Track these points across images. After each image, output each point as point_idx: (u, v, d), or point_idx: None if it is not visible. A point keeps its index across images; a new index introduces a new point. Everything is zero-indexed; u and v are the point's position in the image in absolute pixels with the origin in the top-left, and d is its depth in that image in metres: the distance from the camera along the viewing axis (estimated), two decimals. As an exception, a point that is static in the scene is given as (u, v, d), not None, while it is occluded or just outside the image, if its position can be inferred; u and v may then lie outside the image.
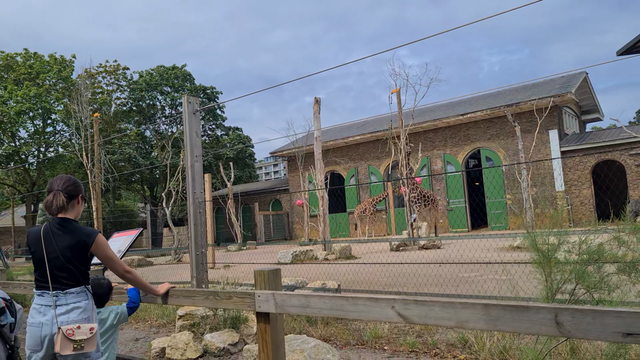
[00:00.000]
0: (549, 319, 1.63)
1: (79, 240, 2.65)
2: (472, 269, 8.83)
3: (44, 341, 2.54)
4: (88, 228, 2.75)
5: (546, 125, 20.11)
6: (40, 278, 2.65)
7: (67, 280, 2.62)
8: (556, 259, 3.12)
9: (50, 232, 2.67)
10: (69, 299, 2.60)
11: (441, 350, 4.39)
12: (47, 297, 2.60)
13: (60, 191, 2.70)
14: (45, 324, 2.54)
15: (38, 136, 31.52)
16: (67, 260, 2.62)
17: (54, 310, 2.55)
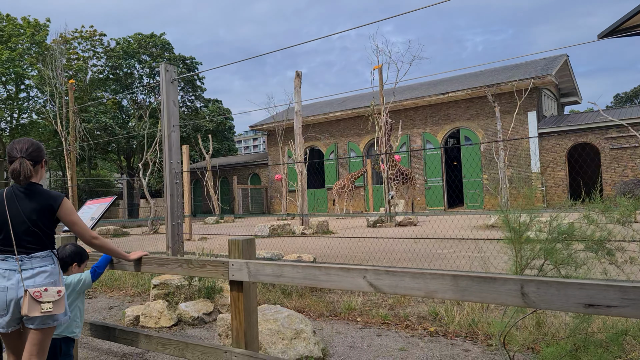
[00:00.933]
0: (515, 290, 1.66)
1: (45, 203, 2.60)
2: (446, 245, 9.01)
3: (10, 305, 2.50)
4: (54, 192, 2.69)
5: (525, 106, 20.37)
6: (3, 242, 2.59)
7: (32, 244, 2.58)
8: (527, 236, 3.19)
9: (14, 195, 2.60)
10: (35, 263, 2.56)
11: (412, 322, 4.50)
12: (11, 262, 2.55)
13: (24, 158, 2.61)
14: (11, 288, 2.50)
15: (11, 102, 30.43)
16: (33, 224, 2.57)
17: (20, 274, 2.51)
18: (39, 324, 2.52)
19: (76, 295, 3.02)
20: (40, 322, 2.52)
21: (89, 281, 3.07)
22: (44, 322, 2.52)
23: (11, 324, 2.55)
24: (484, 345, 3.76)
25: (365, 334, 4.28)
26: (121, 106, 37.30)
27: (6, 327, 2.54)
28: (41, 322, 2.52)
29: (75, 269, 3.11)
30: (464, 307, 4.44)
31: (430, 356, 3.61)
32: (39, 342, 2.56)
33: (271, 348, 3.56)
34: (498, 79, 21.52)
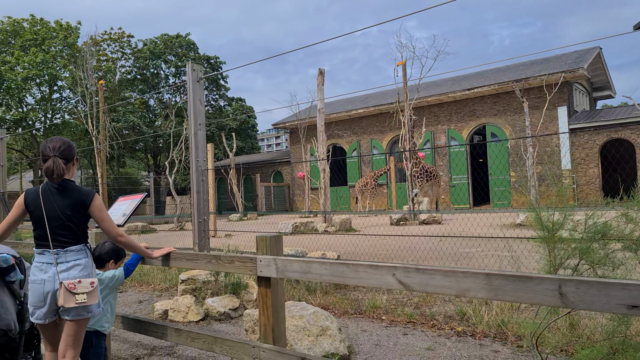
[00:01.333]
0: (553, 290, 1.61)
1: (78, 199, 2.69)
2: (473, 244, 8.86)
3: (47, 297, 2.61)
4: (85, 188, 2.78)
5: (555, 101, 19.83)
6: (40, 237, 2.69)
7: (67, 238, 2.66)
8: (560, 235, 3.10)
9: (49, 192, 2.69)
10: (69, 256, 2.65)
11: (438, 322, 4.43)
12: (47, 255, 2.65)
13: (57, 156, 2.69)
14: (48, 281, 2.61)
15: (45, 102, 31.42)
16: (67, 219, 2.66)
17: (56, 267, 2.61)
18: (74, 315, 2.61)
19: (109, 291, 3.10)
20: (75, 313, 2.60)
21: (122, 278, 3.15)
22: (78, 314, 2.61)
23: (48, 315, 2.65)
24: (514, 346, 3.68)
25: (390, 332, 4.24)
26: (148, 106, 38.05)
27: (44, 319, 2.65)
28: (76, 314, 2.61)
29: (111, 265, 3.20)
30: (492, 307, 4.36)
31: (458, 356, 3.55)
32: (75, 333, 2.66)
33: (297, 344, 3.57)
34: (526, 73, 21.00)
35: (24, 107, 31.36)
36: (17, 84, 28.46)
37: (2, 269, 2.94)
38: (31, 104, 31.71)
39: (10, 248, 3.21)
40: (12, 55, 29.67)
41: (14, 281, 2.98)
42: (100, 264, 3.16)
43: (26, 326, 3.15)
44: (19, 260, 3.10)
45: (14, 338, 3.06)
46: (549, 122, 20.13)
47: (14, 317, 2.98)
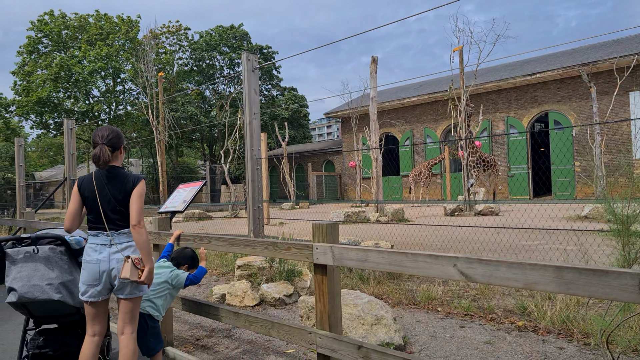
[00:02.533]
0: (632, 285, 1.50)
1: (126, 184, 2.82)
2: (534, 237, 8.48)
3: (102, 276, 2.77)
4: (134, 174, 2.91)
5: (627, 86, 18.45)
6: (94, 220, 2.85)
7: (119, 221, 2.82)
8: (635, 228, 2.89)
9: (101, 178, 2.85)
10: (122, 238, 2.81)
11: (497, 315, 4.29)
12: (102, 237, 2.81)
13: (104, 144, 2.83)
14: (103, 261, 2.76)
15: (109, 94, 33.24)
16: (119, 203, 2.81)
17: (109, 248, 2.77)
18: (129, 293, 2.79)
19: (167, 285, 3.27)
20: (129, 291, 2.78)
21: (181, 282, 3.32)
22: (132, 292, 2.79)
23: (102, 293, 2.83)
24: (581, 343, 3.49)
25: (447, 324, 4.16)
26: (204, 96, 39.25)
27: (97, 296, 2.82)
28: (130, 292, 2.79)
29: (184, 270, 3.43)
30: (556, 303, 4.16)
31: (519, 352, 3.43)
32: (130, 310, 2.84)
33: (352, 332, 3.58)
34: (594, 57, 19.66)
35: (91, 99, 33.30)
36: (84, 77, 30.23)
37: (75, 250, 3.15)
38: (97, 96, 33.62)
39: (82, 231, 3.43)
40: (80, 49, 31.52)
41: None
42: (176, 265, 3.43)
43: None
44: None
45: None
46: (619, 109, 18.79)
47: None
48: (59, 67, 29.73)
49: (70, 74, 30.33)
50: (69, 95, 32.22)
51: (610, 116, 18.44)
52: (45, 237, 3.27)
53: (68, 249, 3.13)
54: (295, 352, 3.69)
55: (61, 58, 30.34)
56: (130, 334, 2.84)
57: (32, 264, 3.15)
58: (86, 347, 2.85)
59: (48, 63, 30.72)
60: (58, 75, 29.89)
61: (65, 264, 3.10)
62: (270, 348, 3.83)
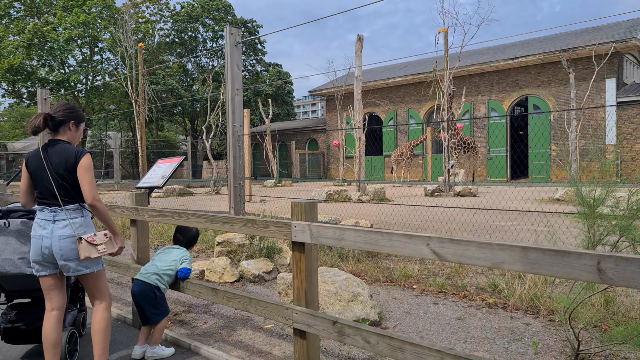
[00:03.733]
0: (591, 265, 1.59)
1: (68, 158, 2.76)
2: (509, 217, 8.72)
3: (45, 251, 2.75)
4: (77, 147, 2.84)
5: (604, 73, 18.78)
6: (39, 195, 2.82)
7: (64, 196, 2.77)
8: (600, 211, 3.02)
9: (46, 152, 2.80)
10: (67, 214, 2.76)
11: (470, 293, 4.45)
12: (46, 212, 2.77)
13: (47, 113, 2.82)
14: (46, 237, 2.74)
15: (86, 64, 32.24)
16: (61, 178, 2.76)
17: (53, 224, 2.74)
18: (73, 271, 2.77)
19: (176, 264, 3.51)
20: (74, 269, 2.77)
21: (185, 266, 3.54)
22: (76, 270, 2.77)
23: (49, 268, 2.80)
24: (546, 320, 3.67)
25: (421, 301, 4.30)
26: (186, 70, 38.47)
27: (44, 271, 2.81)
28: (75, 270, 2.77)
29: (192, 248, 3.73)
30: (525, 281, 4.33)
31: (488, 327, 3.58)
32: (90, 286, 2.87)
33: (329, 309, 3.67)
34: (575, 43, 19.89)
35: (66, 68, 32.29)
36: (60, 45, 29.21)
37: None
38: (73, 65, 32.61)
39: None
40: (55, 15, 30.37)
41: None
42: (189, 245, 3.70)
43: (72, 280, 3.37)
44: None
45: None
46: (596, 95, 19.15)
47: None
48: (32, 34, 28.62)
49: (44, 41, 29.25)
50: (43, 63, 31.15)
51: (587, 102, 18.79)
52: (17, 210, 3.22)
53: None
54: (273, 328, 3.78)
55: (35, 24, 29.19)
56: (99, 305, 2.88)
57: (3, 237, 3.12)
58: (46, 322, 2.85)
59: (21, 29, 29.52)
60: (31, 42, 28.79)
61: None
62: (248, 323, 3.91)
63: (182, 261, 3.50)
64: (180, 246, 3.62)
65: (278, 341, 3.50)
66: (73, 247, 2.72)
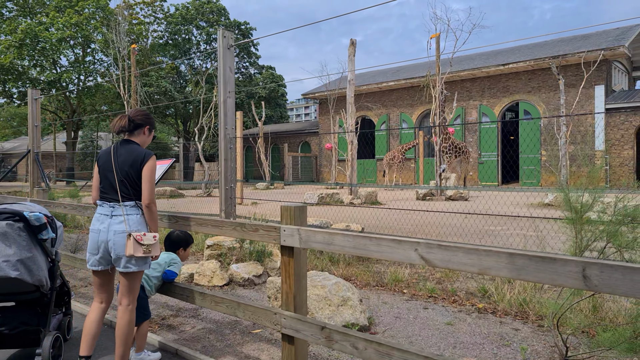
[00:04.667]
0: (576, 272, 1.60)
1: (136, 158, 2.89)
2: (499, 222, 8.76)
3: (101, 246, 2.86)
4: (145, 149, 2.98)
5: (593, 80, 19.01)
6: (102, 190, 2.95)
7: (124, 193, 2.88)
8: (588, 217, 3.04)
9: (116, 149, 2.95)
10: (124, 210, 2.86)
11: (460, 297, 4.46)
12: (105, 207, 2.89)
13: (127, 116, 2.98)
14: (102, 231, 2.85)
15: (78, 64, 32.01)
16: (125, 176, 2.88)
17: (110, 219, 2.84)
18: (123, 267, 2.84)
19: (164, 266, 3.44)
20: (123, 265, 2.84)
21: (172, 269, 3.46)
22: (125, 266, 2.85)
23: (102, 263, 2.90)
24: (535, 325, 3.68)
25: (411, 306, 4.30)
26: (179, 71, 38.35)
27: (98, 265, 2.91)
28: (124, 266, 2.84)
29: (181, 252, 3.57)
30: (514, 286, 4.34)
31: (477, 332, 3.58)
32: (126, 284, 2.92)
33: (318, 313, 3.66)
34: (564, 50, 20.12)
35: (58, 68, 32.03)
36: (52, 45, 28.98)
37: (35, 227, 3.07)
38: (65, 65, 32.36)
39: (43, 207, 3.35)
40: (47, 16, 30.14)
41: (46, 239, 3.12)
42: (173, 249, 3.55)
43: (57, 283, 3.32)
44: (50, 219, 3.24)
45: (45, 294, 3.22)
46: (585, 101, 19.37)
47: (45, 274, 3.12)
48: (24, 33, 28.38)
49: (36, 41, 29.01)
50: (34, 63, 30.88)
51: (576, 108, 19.00)
52: (2, 212, 3.16)
53: (27, 225, 3.04)
54: (262, 333, 3.76)
55: (27, 24, 28.96)
56: (126, 306, 2.92)
57: None
58: (92, 313, 2.96)
59: (13, 28, 29.27)
60: (23, 42, 28.55)
61: (23, 240, 3.01)
62: (237, 328, 3.88)
63: (170, 264, 3.44)
64: (175, 250, 3.57)
65: (267, 346, 3.47)
66: (125, 242, 2.81)
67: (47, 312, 3.22)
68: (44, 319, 3.20)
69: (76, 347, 3.53)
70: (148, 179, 2.87)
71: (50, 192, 10.27)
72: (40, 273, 3.05)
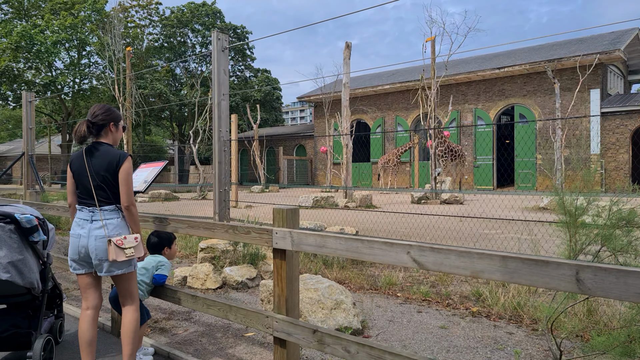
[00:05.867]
0: (569, 275, 1.58)
1: (110, 161, 2.84)
2: (494, 226, 8.76)
3: (82, 250, 2.82)
4: (119, 151, 2.92)
5: (588, 83, 19.10)
6: (79, 195, 2.90)
7: (102, 197, 2.84)
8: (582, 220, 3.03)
9: (89, 154, 2.89)
10: (104, 215, 2.82)
11: (454, 301, 4.43)
12: (85, 212, 2.85)
13: (87, 120, 2.91)
14: (83, 236, 2.81)
15: (73, 67, 31.90)
16: (102, 180, 2.83)
17: (91, 224, 2.81)
18: (106, 271, 2.81)
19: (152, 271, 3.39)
20: (107, 269, 2.80)
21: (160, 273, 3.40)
22: (109, 270, 2.81)
23: (85, 267, 2.87)
24: (529, 329, 3.66)
25: (405, 309, 4.27)
26: (174, 74, 38.28)
27: (80, 269, 2.87)
28: (107, 270, 2.80)
29: (166, 251, 3.49)
30: (509, 290, 4.33)
31: (471, 336, 3.56)
32: (121, 287, 2.90)
33: (311, 316, 3.63)
34: (560, 54, 20.22)
35: (53, 71, 31.91)
36: (47, 47, 28.87)
37: (26, 229, 3.04)
38: (60, 68, 32.24)
39: (35, 209, 3.32)
40: (42, 18, 30.05)
41: (37, 241, 3.09)
42: (157, 251, 3.46)
43: (49, 285, 3.28)
44: (42, 221, 3.20)
45: (37, 296, 3.19)
46: (580, 105, 19.46)
47: (37, 276, 3.09)
48: (19, 36, 28.27)
49: (32, 44, 28.90)
50: (29, 66, 30.75)
51: (572, 112, 19.08)
52: None
53: (18, 227, 3.01)
54: (255, 336, 3.72)
55: (22, 27, 28.84)
56: (129, 306, 2.92)
57: None
58: (82, 321, 2.90)
59: (8, 31, 29.15)
60: (18, 44, 28.43)
61: (14, 242, 2.98)
62: (230, 331, 3.84)
63: (158, 267, 3.39)
64: (160, 251, 3.52)
65: (259, 349, 3.44)
66: (107, 248, 2.78)
67: (39, 314, 3.20)
68: (35, 322, 3.18)
69: (67, 350, 3.49)
70: (125, 182, 2.82)
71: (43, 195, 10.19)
72: (31, 275, 3.02)
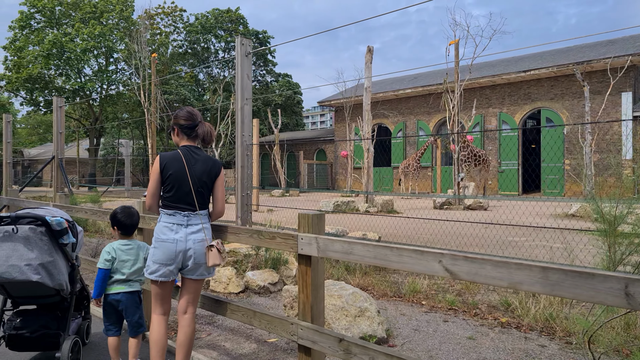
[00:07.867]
0: (618, 289, 1.48)
1: (213, 167, 2.87)
2: (522, 233, 8.52)
3: (178, 256, 2.77)
4: (215, 158, 2.96)
5: (619, 86, 18.53)
6: (172, 199, 2.82)
7: (199, 202, 2.84)
8: (622, 229, 2.88)
9: (190, 158, 2.86)
10: (199, 219, 2.82)
11: (481, 311, 4.30)
12: (178, 217, 2.79)
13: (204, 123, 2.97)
14: (180, 241, 2.76)
15: (101, 74, 32.72)
16: (202, 185, 2.84)
17: (186, 228, 2.78)
18: (199, 275, 2.85)
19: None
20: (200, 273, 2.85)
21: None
22: (202, 274, 2.86)
23: (174, 273, 2.84)
24: (562, 342, 3.51)
25: (430, 318, 4.16)
26: (197, 80, 38.85)
27: (169, 276, 2.82)
28: (200, 274, 2.85)
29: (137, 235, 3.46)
30: (540, 300, 4.17)
31: (501, 348, 3.43)
32: (196, 291, 2.93)
33: (335, 324, 3.56)
34: (589, 56, 19.69)
35: (82, 77, 32.77)
36: (77, 55, 29.70)
37: (56, 231, 3.07)
38: (89, 74, 33.09)
39: (65, 212, 3.35)
40: (73, 27, 30.93)
41: (67, 244, 3.11)
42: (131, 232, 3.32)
43: (77, 287, 3.31)
44: (71, 224, 3.23)
45: (65, 298, 3.22)
46: (611, 109, 18.89)
47: (65, 278, 3.12)
48: (51, 44, 29.16)
49: (62, 52, 29.77)
50: (60, 72, 31.66)
51: (602, 116, 18.53)
52: (25, 216, 3.17)
53: (49, 229, 3.05)
54: (277, 342, 3.67)
55: (54, 35, 29.73)
56: (193, 314, 2.91)
57: (10, 243, 3.06)
58: (159, 326, 2.87)
59: (40, 39, 30.10)
60: (50, 52, 29.32)
61: (45, 244, 3.02)
62: (253, 336, 3.80)
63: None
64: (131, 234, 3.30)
65: (282, 355, 3.38)
66: (205, 252, 2.79)
67: (67, 316, 3.23)
68: (63, 323, 3.22)
69: (94, 352, 3.50)
70: (222, 189, 2.88)
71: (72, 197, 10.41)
72: (60, 277, 3.05)
